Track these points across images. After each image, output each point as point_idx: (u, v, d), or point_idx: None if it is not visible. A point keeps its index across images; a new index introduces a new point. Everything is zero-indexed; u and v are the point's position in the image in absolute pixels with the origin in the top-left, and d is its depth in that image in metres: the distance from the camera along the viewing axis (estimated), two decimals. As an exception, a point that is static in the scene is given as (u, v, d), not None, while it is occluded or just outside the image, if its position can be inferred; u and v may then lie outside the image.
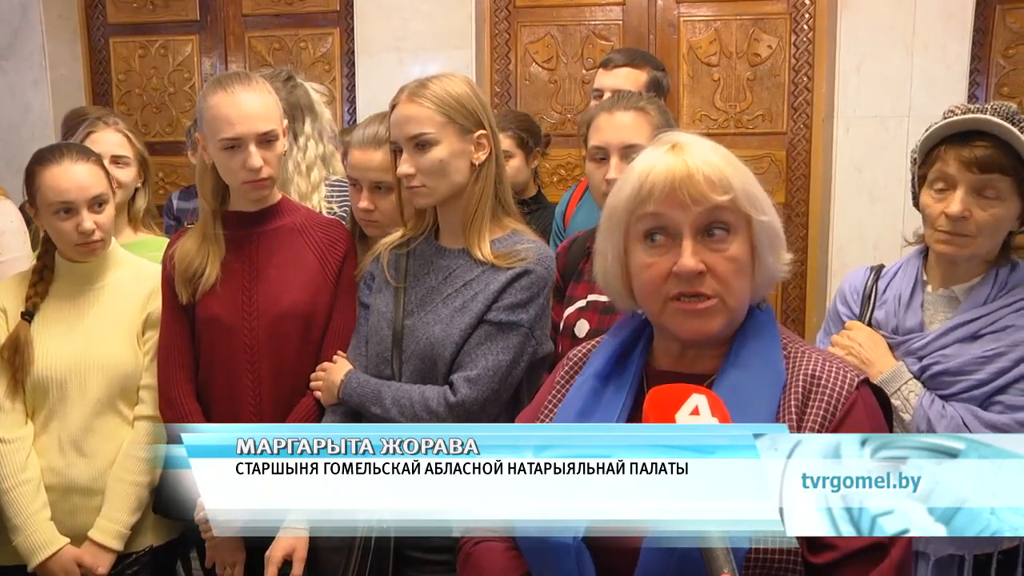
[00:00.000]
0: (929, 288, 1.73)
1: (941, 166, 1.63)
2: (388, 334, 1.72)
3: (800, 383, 1.10)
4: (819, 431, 1.06)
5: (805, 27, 3.73)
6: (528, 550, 1.16)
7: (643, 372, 1.21)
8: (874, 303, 1.78)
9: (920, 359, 1.66)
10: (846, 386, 1.09)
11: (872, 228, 3.53)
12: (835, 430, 1.06)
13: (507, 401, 1.66)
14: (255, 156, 1.79)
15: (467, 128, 1.66)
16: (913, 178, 1.73)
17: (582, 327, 1.87)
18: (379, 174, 1.87)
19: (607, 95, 2.46)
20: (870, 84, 3.50)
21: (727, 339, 1.15)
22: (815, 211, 3.76)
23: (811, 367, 1.12)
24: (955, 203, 1.59)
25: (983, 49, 3.52)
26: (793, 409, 1.08)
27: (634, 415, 1.17)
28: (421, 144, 1.64)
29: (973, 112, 1.61)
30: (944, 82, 3.43)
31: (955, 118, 1.62)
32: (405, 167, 1.65)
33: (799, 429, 1.07)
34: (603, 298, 1.89)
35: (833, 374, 1.11)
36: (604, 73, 2.59)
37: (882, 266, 1.86)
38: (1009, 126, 1.56)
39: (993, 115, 1.58)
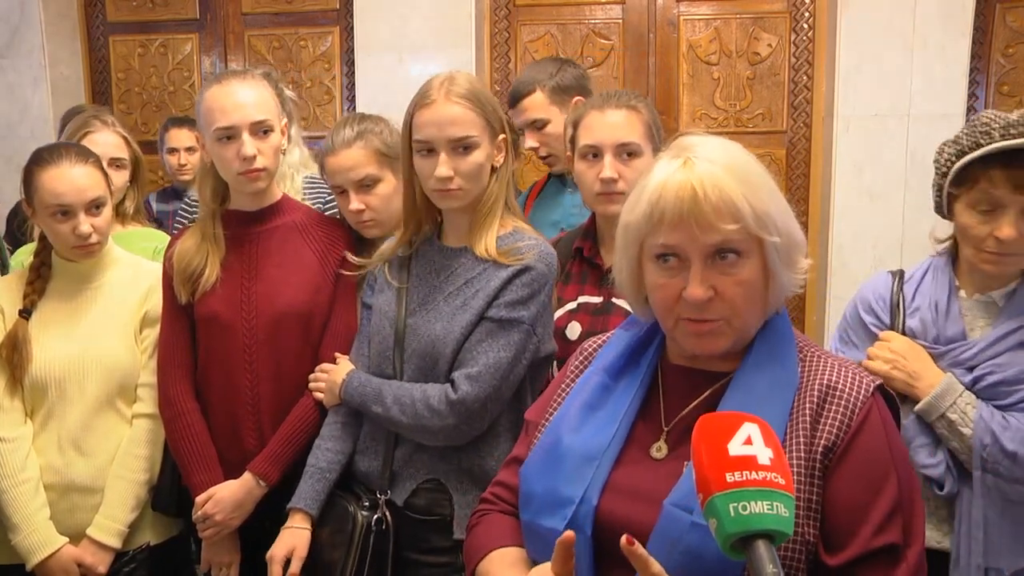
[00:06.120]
0: (963, 294, 1.68)
1: (987, 187, 1.56)
2: (390, 333, 1.71)
3: (815, 389, 1.11)
4: (837, 435, 1.07)
5: (805, 26, 3.73)
6: (525, 531, 1.18)
7: (658, 365, 1.22)
8: (904, 311, 1.72)
9: (970, 370, 1.61)
10: (862, 393, 1.10)
11: (871, 227, 3.53)
12: (853, 437, 1.07)
13: (510, 399, 1.65)
14: (248, 144, 1.78)
15: (496, 131, 1.65)
16: (940, 191, 1.66)
17: (574, 329, 1.86)
18: (361, 171, 1.88)
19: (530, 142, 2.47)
20: (870, 83, 3.50)
21: (744, 344, 1.16)
22: (815, 210, 3.76)
23: (828, 375, 1.12)
24: (1008, 227, 1.54)
25: (983, 48, 3.51)
26: (808, 413, 1.09)
27: (645, 408, 1.19)
28: (465, 147, 1.61)
29: (1015, 126, 1.54)
30: (944, 81, 3.43)
31: (1013, 142, 1.53)
32: (444, 170, 1.59)
33: (813, 435, 1.07)
34: (594, 299, 1.88)
35: (849, 381, 1.11)
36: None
37: (902, 271, 1.79)
38: None
39: None
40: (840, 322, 1.87)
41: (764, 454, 0.90)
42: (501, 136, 1.67)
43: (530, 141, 2.48)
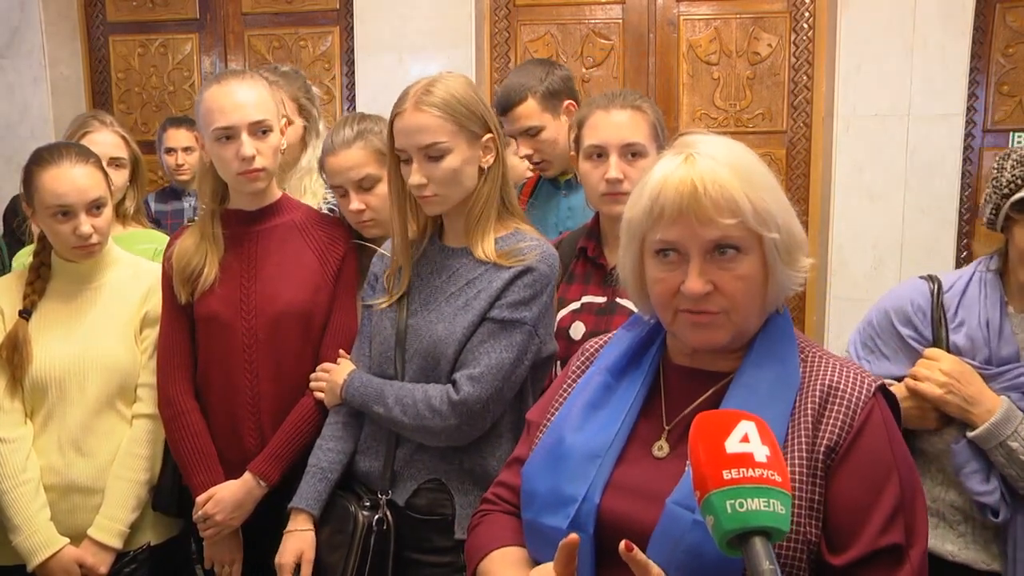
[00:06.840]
0: (1011, 309, 1.63)
1: None
2: (391, 333, 1.71)
3: (817, 390, 1.11)
4: (839, 436, 1.08)
5: (805, 26, 3.73)
6: (527, 530, 1.18)
7: (659, 365, 1.23)
8: (947, 325, 1.64)
9: None
10: (863, 393, 1.11)
11: (871, 227, 3.53)
12: (855, 437, 1.08)
13: (511, 400, 1.65)
14: (247, 145, 1.78)
15: (477, 134, 1.64)
16: (997, 210, 1.61)
17: (578, 329, 1.86)
18: (361, 171, 1.88)
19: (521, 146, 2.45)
20: (870, 83, 3.50)
21: (744, 342, 1.17)
22: (815, 210, 3.76)
23: (829, 375, 1.13)
24: None
25: (983, 48, 3.51)
26: (809, 413, 1.09)
27: (647, 407, 1.20)
28: (434, 154, 1.61)
29: None
30: (944, 81, 3.43)
31: None
32: (417, 177, 1.61)
33: (815, 434, 1.08)
34: (598, 299, 1.88)
35: (851, 382, 1.12)
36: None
37: (939, 279, 1.70)
38: None
39: None
40: (863, 327, 1.77)
41: (761, 452, 0.90)
42: (487, 136, 1.66)
43: (524, 148, 2.47)
